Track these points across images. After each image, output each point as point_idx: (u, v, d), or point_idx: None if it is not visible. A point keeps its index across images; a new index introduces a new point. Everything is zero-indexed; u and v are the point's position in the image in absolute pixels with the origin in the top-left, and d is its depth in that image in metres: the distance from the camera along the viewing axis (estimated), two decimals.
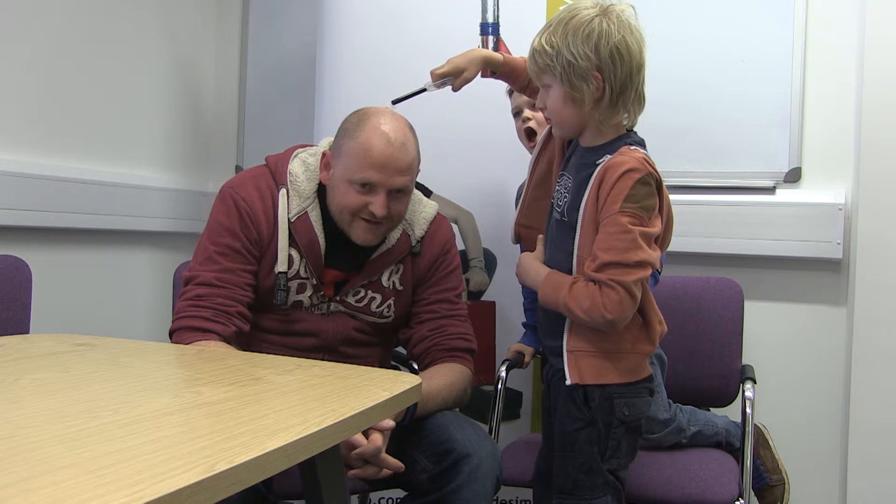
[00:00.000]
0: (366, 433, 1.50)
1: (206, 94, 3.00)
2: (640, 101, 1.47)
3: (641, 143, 1.49)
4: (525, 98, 1.95)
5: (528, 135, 2.00)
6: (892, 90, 2.24)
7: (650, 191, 1.40)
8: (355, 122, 1.65)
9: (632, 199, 1.39)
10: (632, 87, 1.43)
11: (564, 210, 1.50)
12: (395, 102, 1.80)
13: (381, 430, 1.50)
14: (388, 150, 1.60)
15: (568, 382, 1.46)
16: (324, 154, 1.71)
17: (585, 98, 1.43)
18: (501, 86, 2.35)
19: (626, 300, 1.39)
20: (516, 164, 2.34)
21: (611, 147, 1.47)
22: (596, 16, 1.42)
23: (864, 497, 2.24)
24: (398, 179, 1.62)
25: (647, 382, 1.51)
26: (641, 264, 1.39)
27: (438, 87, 1.83)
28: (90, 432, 0.81)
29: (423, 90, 1.83)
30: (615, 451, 1.49)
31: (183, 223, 2.77)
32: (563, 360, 1.48)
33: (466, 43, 2.34)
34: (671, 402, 1.95)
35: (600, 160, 1.45)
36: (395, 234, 1.74)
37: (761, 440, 2.10)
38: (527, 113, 1.99)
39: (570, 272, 1.48)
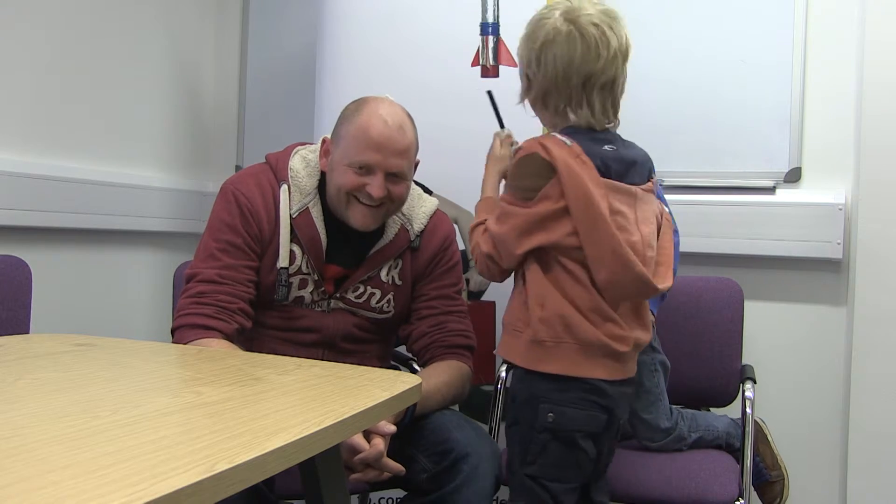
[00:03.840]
0: (367, 437, 1.50)
1: (206, 94, 3.00)
2: (584, 106, 1.44)
3: (583, 134, 1.44)
4: None
5: None
6: (893, 90, 2.24)
7: (527, 171, 1.42)
8: (354, 108, 1.67)
9: (509, 178, 1.49)
10: (557, 93, 1.44)
11: None
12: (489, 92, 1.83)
13: (383, 435, 1.50)
14: (385, 132, 1.61)
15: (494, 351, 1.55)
16: (323, 140, 1.71)
17: (530, 98, 1.50)
18: (501, 88, 2.35)
19: (484, 264, 1.50)
20: None
21: None
22: (547, 18, 1.45)
23: (864, 497, 2.24)
24: (395, 161, 1.63)
25: (580, 389, 1.41)
26: (498, 240, 1.45)
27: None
28: (90, 432, 0.81)
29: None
30: (537, 457, 1.43)
31: (183, 223, 2.77)
32: None
33: (466, 43, 2.34)
34: (673, 408, 1.95)
35: None
36: (394, 229, 1.74)
37: (760, 436, 2.10)
38: None
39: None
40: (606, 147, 1.44)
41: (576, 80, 1.42)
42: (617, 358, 1.42)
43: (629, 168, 1.45)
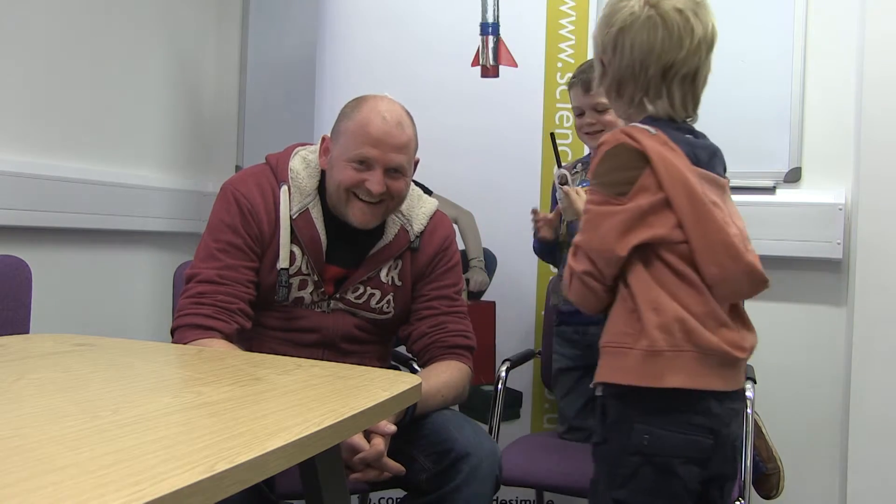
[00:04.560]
0: (367, 437, 1.50)
1: (206, 94, 3.00)
2: (662, 97, 1.34)
3: (663, 122, 1.34)
4: (591, 101, 1.98)
5: (591, 133, 2.02)
6: (892, 90, 2.24)
7: (618, 163, 1.29)
8: (352, 106, 1.68)
9: (595, 175, 1.32)
10: (634, 82, 1.33)
11: None
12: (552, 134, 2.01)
13: (383, 435, 1.50)
14: (384, 127, 1.61)
15: (591, 386, 1.34)
16: (323, 139, 1.72)
17: (596, 79, 1.40)
18: (501, 87, 2.36)
19: (581, 290, 1.31)
20: (516, 164, 2.34)
21: None
22: (626, 0, 1.32)
23: (864, 497, 2.24)
24: (394, 157, 1.63)
25: (686, 411, 1.25)
26: (593, 249, 1.29)
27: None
28: (90, 432, 0.81)
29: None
30: (627, 481, 1.27)
31: (183, 223, 2.77)
32: None
33: (466, 43, 2.35)
34: None
35: None
36: (394, 229, 1.74)
37: (755, 429, 2.09)
38: (589, 118, 2.01)
39: None
40: (688, 136, 1.34)
41: (654, 69, 1.32)
42: (732, 366, 1.29)
43: (712, 157, 1.36)
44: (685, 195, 1.26)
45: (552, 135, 2.04)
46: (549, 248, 2.11)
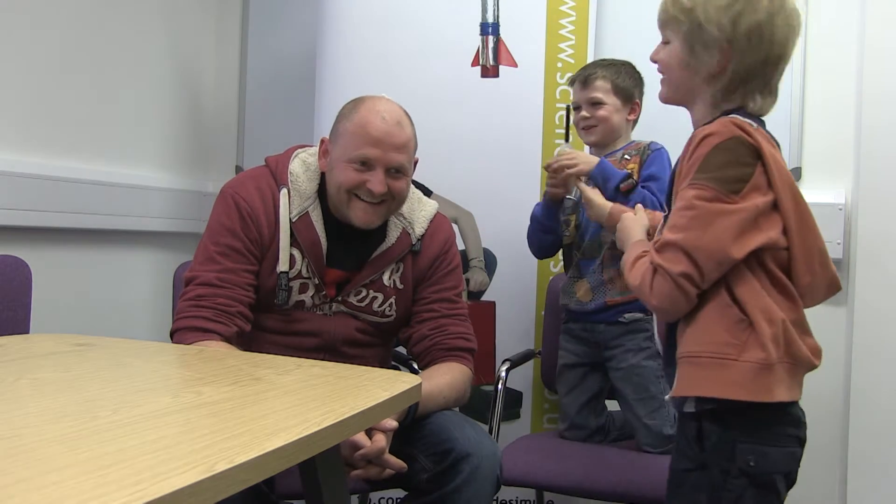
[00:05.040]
0: (369, 434, 1.50)
1: (206, 94, 3.00)
2: (771, 93, 1.29)
3: (753, 118, 1.27)
4: (587, 95, 2.04)
5: (586, 128, 2.08)
6: (892, 90, 2.24)
7: (732, 158, 1.19)
8: (351, 107, 1.68)
9: (704, 169, 1.19)
10: (762, 76, 1.26)
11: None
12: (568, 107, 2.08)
13: (385, 431, 1.50)
14: (384, 127, 1.61)
15: (665, 397, 1.25)
16: (322, 141, 1.72)
17: (701, 69, 1.26)
18: (501, 88, 2.36)
19: (673, 293, 1.19)
20: (516, 164, 2.34)
21: (706, 122, 1.27)
22: None
23: (864, 497, 2.24)
24: (395, 156, 1.63)
25: (782, 423, 1.22)
26: (700, 249, 1.18)
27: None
28: (90, 432, 0.81)
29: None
30: None
31: (183, 223, 2.76)
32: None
33: (466, 43, 2.35)
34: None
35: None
36: (396, 232, 1.74)
37: None
38: (584, 112, 2.07)
39: None
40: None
41: (783, 64, 1.27)
42: (803, 375, 1.25)
43: None
44: (792, 198, 1.21)
45: (568, 108, 2.11)
46: (550, 214, 2.12)
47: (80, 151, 2.36)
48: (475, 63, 2.35)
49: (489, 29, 2.35)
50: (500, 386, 2.07)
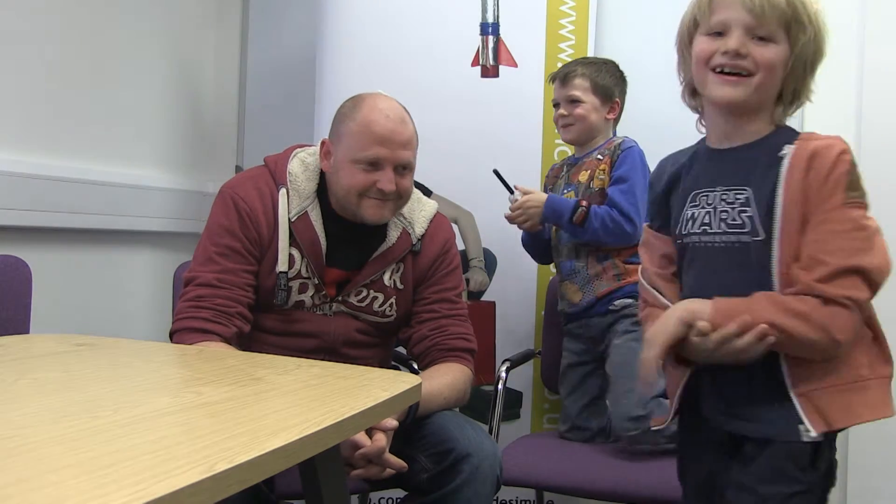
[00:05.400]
0: (369, 433, 1.50)
1: (206, 94, 2.99)
2: (807, 94, 1.28)
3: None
4: (565, 93, 2.06)
5: (564, 126, 2.10)
6: (892, 90, 2.24)
7: (858, 174, 1.18)
8: (351, 106, 1.67)
9: (854, 187, 1.16)
10: (812, 73, 1.26)
11: (742, 226, 1.22)
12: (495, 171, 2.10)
13: (385, 430, 1.50)
14: (389, 125, 1.61)
15: (813, 434, 1.14)
16: (322, 143, 1.71)
17: (797, 77, 1.26)
18: (501, 88, 2.36)
19: (857, 322, 1.13)
20: (516, 164, 2.34)
21: (785, 136, 1.23)
22: None
23: (864, 497, 2.24)
24: (403, 153, 1.63)
25: None
26: (879, 271, 1.12)
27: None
28: (90, 432, 0.81)
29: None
30: None
31: (183, 223, 2.76)
32: (790, 410, 1.16)
33: (466, 43, 2.35)
34: (652, 400, 1.84)
35: (782, 152, 1.20)
36: (396, 232, 1.74)
37: None
38: (562, 109, 2.09)
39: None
40: None
41: (820, 61, 1.28)
42: None
43: None
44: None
45: (495, 171, 2.12)
46: (538, 240, 2.16)
47: (80, 151, 2.36)
48: (475, 63, 2.36)
49: (489, 29, 2.35)
50: (500, 386, 2.07)
